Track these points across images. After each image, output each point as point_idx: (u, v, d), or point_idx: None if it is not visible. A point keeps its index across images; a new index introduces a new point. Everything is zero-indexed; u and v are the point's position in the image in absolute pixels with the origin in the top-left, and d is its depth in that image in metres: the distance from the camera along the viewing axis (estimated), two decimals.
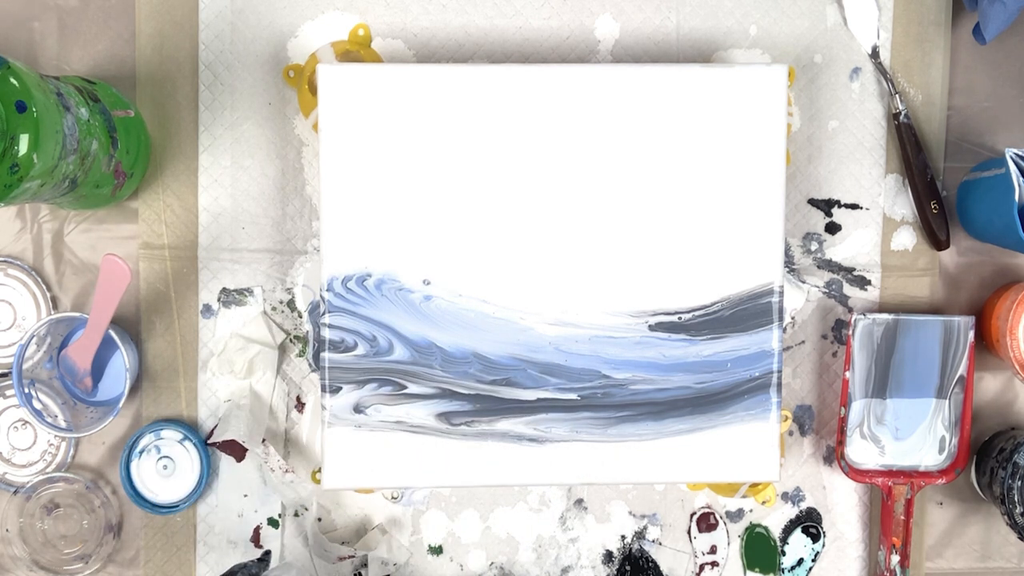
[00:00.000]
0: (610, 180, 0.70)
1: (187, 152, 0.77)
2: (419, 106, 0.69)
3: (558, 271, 0.71)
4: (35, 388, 0.75)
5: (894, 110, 0.78)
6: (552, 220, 0.70)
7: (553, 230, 0.70)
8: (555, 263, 0.71)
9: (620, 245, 0.71)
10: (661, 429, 0.71)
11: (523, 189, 0.70)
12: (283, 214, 0.77)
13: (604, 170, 0.70)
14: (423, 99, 0.69)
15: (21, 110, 0.58)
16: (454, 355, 0.70)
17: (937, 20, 0.79)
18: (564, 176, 0.70)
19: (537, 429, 0.71)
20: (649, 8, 0.78)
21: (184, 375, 0.77)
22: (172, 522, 0.77)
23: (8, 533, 0.77)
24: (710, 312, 0.71)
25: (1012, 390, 0.82)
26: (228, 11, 0.76)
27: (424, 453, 0.71)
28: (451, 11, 0.77)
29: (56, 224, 0.77)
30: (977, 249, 0.81)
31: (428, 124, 0.69)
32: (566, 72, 0.70)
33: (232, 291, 0.77)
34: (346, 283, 0.70)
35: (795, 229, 0.79)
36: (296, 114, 0.77)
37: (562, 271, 0.71)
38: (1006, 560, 0.82)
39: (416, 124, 0.69)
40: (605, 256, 0.71)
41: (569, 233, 0.70)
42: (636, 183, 0.70)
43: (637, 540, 0.80)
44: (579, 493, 0.79)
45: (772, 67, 0.71)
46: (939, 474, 0.79)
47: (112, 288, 0.70)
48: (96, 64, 0.76)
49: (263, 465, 0.77)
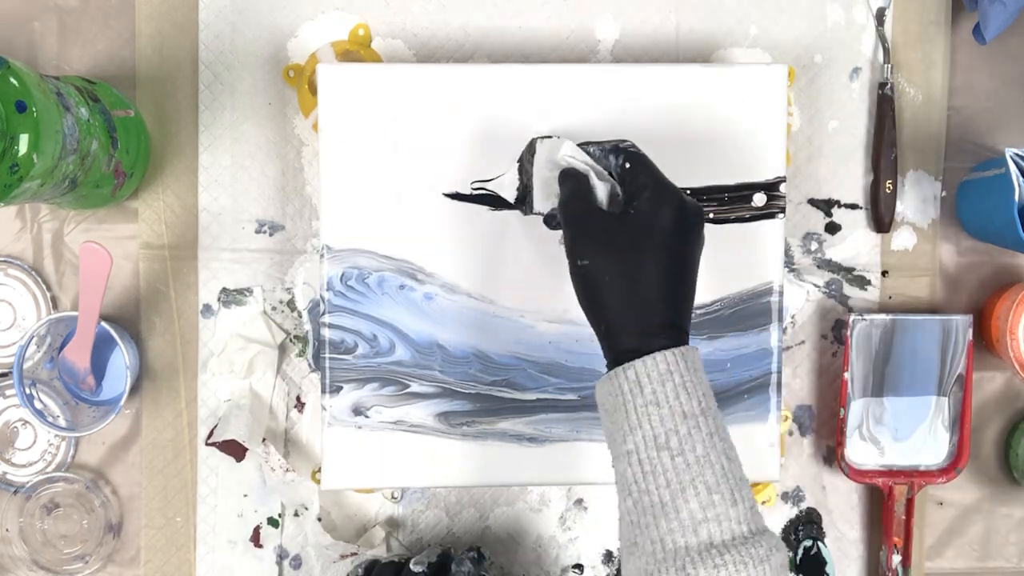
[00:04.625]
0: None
1: (187, 152, 0.77)
2: (419, 106, 0.69)
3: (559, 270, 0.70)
4: (36, 388, 0.75)
5: (881, 79, 0.78)
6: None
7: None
8: (556, 262, 0.70)
9: None
10: None
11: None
12: (283, 214, 0.77)
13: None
14: (423, 99, 0.69)
15: (21, 110, 0.58)
16: (455, 354, 0.70)
17: (937, 20, 0.79)
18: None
19: (537, 429, 0.71)
20: (649, 8, 0.78)
21: (184, 375, 0.77)
22: (172, 522, 0.77)
23: (8, 533, 0.77)
24: (710, 311, 0.71)
25: (1012, 390, 0.82)
26: (228, 11, 0.76)
27: (424, 453, 0.71)
28: (451, 11, 0.77)
29: (56, 224, 0.77)
30: (977, 249, 0.81)
31: (428, 124, 0.69)
32: (566, 72, 0.70)
33: (232, 291, 0.77)
34: (346, 281, 0.70)
35: (795, 229, 0.79)
36: (296, 114, 0.77)
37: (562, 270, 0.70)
38: (1006, 560, 0.82)
39: (416, 124, 0.69)
40: None
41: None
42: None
43: None
44: (579, 493, 0.79)
45: (772, 67, 0.71)
46: (939, 474, 0.79)
47: (95, 276, 0.70)
48: (96, 64, 0.76)
49: (263, 465, 0.77)
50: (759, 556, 0.51)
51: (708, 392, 0.56)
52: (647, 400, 0.54)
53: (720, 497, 0.52)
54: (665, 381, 0.54)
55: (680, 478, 0.52)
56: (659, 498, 0.53)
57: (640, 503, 0.53)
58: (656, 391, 0.54)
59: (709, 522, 0.52)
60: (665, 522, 0.52)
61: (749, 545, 0.51)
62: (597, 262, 0.58)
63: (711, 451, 0.53)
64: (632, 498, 0.54)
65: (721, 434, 0.54)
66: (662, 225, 0.57)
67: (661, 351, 0.54)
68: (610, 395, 0.56)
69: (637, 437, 0.54)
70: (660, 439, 0.53)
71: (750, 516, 0.53)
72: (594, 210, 0.60)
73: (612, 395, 0.55)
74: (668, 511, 0.52)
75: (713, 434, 0.54)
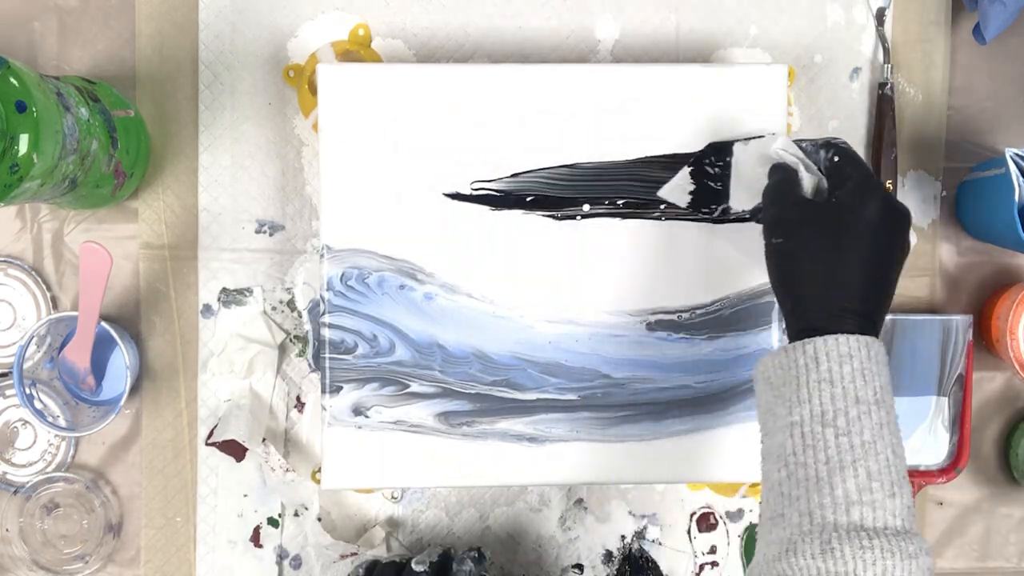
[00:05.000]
0: (610, 179, 0.70)
1: (187, 152, 0.77)
2: (419, 106, 0.69)
3: (559, 269, 0.71)
4: (36, 388, 0.75)
5: (881, 79, 0.78)
6: (552, 218, 0.70)
7: (554, 229, 0.70)
8: (556, 261, 0.71)
9: (620, 244, 0.71)
10: (661, 429, 0.71)
11: (523, 188, 0.70)
12: (283, 214, 0.77)
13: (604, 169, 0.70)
14: (423, 99, 0.69)
15: (21, 110, 0.58)
16: (455, 354, 0.70)
17: (937, 20, 0.79)
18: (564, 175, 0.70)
19: (537, 429, 0.71)
20: (649, 8, 0.78)
21: (184, 375, 0.77)
22: (172, 522, 0.77)
23: (8, 533, 0.77)
24: (710, 311, 0.71)
25: (1012, 390, 0.82)
26: (228, 11, 0.76)
27: (424, 453, 0.71)
28: (451, 11, 0.77)
29: (56, 224, 0.77)
30: (977, 249, 0.81)
31: (428, 124, 0.69)
32: (566, 72, 0.70)
33: (232, 291, 0.77)
34: (346, 281, 0.70)
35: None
36: (296, 114, 0.77)
37: (563, 269, 0.71)
38: (1006, 560, 0.82)
39: (416, 124, 0.69)
40: (605, 255, 0.71)
41: (570, 232, 0.70)
42: (636, 182, 0.70)
43: (637, 540, 0.80)
44: (579, 493, 0.79)
45: (772, 67, 0.71)
46: (939, 474, 0.79)
47: (95, 276, 0.70)
48: (96, 64, 0.76)
49: (263, 465, 0.77)
50: (908, 551, 0.50)
51: (887, 386, 0.55)
52: (821, 377, 0.53)
53: (879, 485, 0.51)
54: (843, 363, 0.54)
55: (841, 457, 0.52)
56: (815, 472, 0.52)
57: (794, 475, 0.53)
58: (832, 370, 0.53)
59: (863, 505, 0.51)
60: (817, 496, 0.51)
61: (900, 539, 0.50)
62: (793, 242, 0.58)
63: (878, 440, 0.52)
64: (787, 469, 0.53)
65: (892, 428, 0.54)
66: (863, 215, 0.58)
67: (844, 334, 0.54)
68: (780, 367, 0.55)
69: (804, 410, 0.53)
70: (827, 416, 0.53)
71: (906, 514, 0.52)
72: (797, 196, 0.61)
73: (783, 367, 0.55)
74: (823, 486, 0.51)
75: (884, 425, 0.53)
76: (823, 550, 0.50)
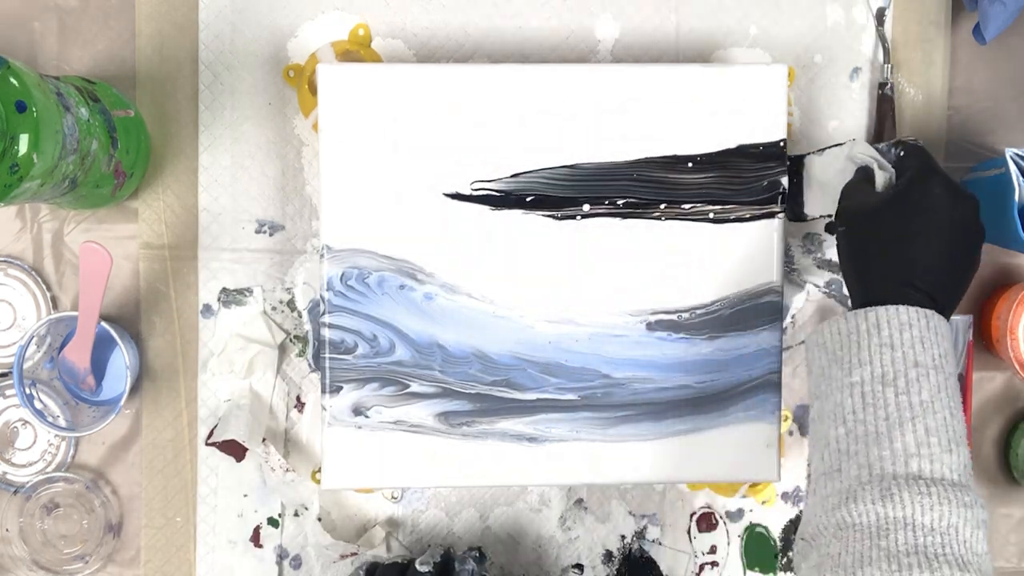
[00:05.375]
0: (610, 179, 0.70)
1: (187, 152, 0.77)
2: (419, 106, 0.69)
3: (559, 269, 0.71)
4: (36, 388, 0.75)
5: (881, 79, 0.78)
6: (552, 218, 0.70)
7: (554, 229, 0.70)
8: (556, 261, 0.71)
9: (620, 244, 0.71)
10: (661, 429, 0.71)
11: (523, 188, 0.70)
12: (283, 214, 0.77)
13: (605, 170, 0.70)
14: (423, 99, 0.69)
15: (21, 110, 0.58)
16: (455, 354, 0.70)
17: (937, 20, 0.79)
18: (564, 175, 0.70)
19: (537, 429, 0.71)
20: (649, 8, 0.78)
21: (184, 375, 0.77)
22: (172, 522, 0.77)
23: (8, 533, 0.77)
24: (710, 311, 0.71)
25: (1012, 390, 0.82)
26: (228, 11, 0.76)
27: (424, 453, 0.71)
28: (451, 11, 0.77)
29: (56, 224, 0.77)
30: None
31: (428, 124, 0.69)
32: (566, 72, 0.70)
33: (232, 291, 0.77)
34: (346, 281, 0.70)
35: (795, 229, 0.79)
36: (296, 114, 0.77)
37: (563, 269, 0.71)
38: (1006, 560, 0.82)
39: (416, 124, 0.69)
40: (605, 254, 0.71)
41: (570, 232, 0.70)
42: (636, 182, 0.70)
43: (637, 540, 0.80)
44: (579, 493, 0.79)
45: (772, 67, 0.71)
46: None
47: (95, 276, 0.70)
48: (96, 64, 0.76)
49: (263, 465, 0.77)
50: (964, 501, 0.52)
51: (947, 354, 0.57)
52: (882, 341, 0.56)
53: (937, 440, 0.54)
54: (903, 330, 0.56)
55: (900, 414, 0.54)
56: (875, 428, 0.54)
57: (853, 432, 0.55)
58: (892, 336, 0.56)
59: (921, 457, 0.53)
60: (877, 449, 0.54)
61: (957, 489, 0.52)
62: (861, 227, 0.61)
63: (936, 401, 0.55)
64: (845, 427, 0.55)
65: (950, 391, 0.56)
66: (922, 197, 0.60)
67: (905, 305, 0.57)
68: (839, 333, 0.58)
69: (865, 372, 0.56)
70: (888, 376, 0.55)
71: (963, 470, 0.54)
72: (869, 189, 0.64)
73: (843, 333, 0.58)
74: (882, 440, 0.54)
75: (942, 388, 0.55)
76: (883, 495, 0.52)
